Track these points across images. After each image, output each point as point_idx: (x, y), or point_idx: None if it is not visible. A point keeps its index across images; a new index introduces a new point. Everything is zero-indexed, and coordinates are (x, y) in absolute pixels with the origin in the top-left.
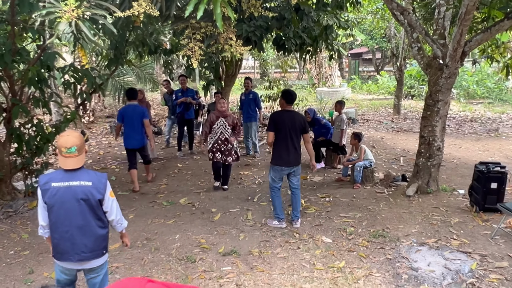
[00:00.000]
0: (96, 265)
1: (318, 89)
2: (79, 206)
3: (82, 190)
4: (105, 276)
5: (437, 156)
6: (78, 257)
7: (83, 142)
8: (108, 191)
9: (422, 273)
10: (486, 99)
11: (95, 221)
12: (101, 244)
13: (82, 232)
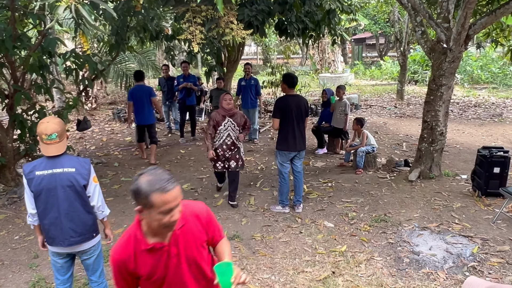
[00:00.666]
0: (88, 247)
1: (321, 75)
2: (65, 192)
3: (66, 177)
4: (98, 257)
5: (440, 141)
6: (68, 242)
7: (64, 128)
8: (92, 176)
9: (424, 257)
10: (491, 84)
11: (82, 206)
12: (90, 228)
13: (70, 218)
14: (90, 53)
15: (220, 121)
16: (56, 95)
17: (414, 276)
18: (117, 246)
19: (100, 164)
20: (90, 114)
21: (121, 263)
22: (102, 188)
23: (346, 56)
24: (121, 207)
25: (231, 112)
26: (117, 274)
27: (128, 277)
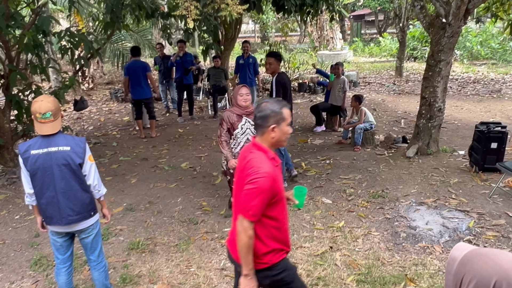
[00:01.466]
0: (86, 226)
1: (319, 52)
2: (61, 171)
3: (62, 156)
4: (97, 236)
5: (438, 117)
6: (66, 220)
7: (58, 106)
8: (87, 155)
9: (420, 231)
10: (490, 60)
11: (78, 185)
12: (88, 207)
13: (67, 196)
14: (85, 32)
15: (236, 122)
16: (52, 75)
17: (410, 250)
18: (266, 168)
19: (98, 144)
20: (87, 94)
21: (273, 181)
22: (101, 168)
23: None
24: (120, 186)
25: (248, 110)
26: (268, 196)
27: (271, 196)
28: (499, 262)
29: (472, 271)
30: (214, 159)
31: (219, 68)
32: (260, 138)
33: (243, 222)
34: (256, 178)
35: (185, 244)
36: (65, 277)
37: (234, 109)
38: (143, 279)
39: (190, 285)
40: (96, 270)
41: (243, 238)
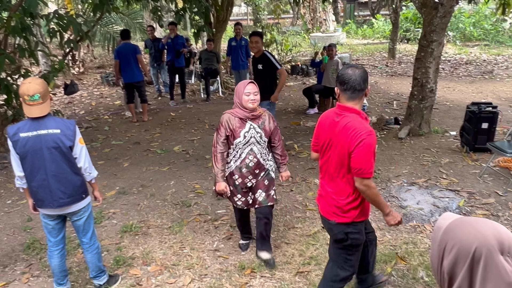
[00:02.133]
0: (78, 209)
1: (312, 34)
2: (51, 154)
3: (52, 138)
4: (89, 218)
5: (430, 98)
6: (57, 203)
7: (47, 89)
8: (78, 137)
9: (411, 211)
10: (483, 41)
11: (69, 168)
12: (79, 189)
13: (58, 179)
14: (74, 14)
15: (238, 128)
16: (41, 58)
17: (401, 229)
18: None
19: (90, 128)
20: (78, 79)
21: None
22: (93, 152)
23: (338, 15)
24: (113, 170)
25: (255, 113)
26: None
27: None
28: (481, 230)
29: (454, 238)
30: (206, 142)
31: (211, 51)
32: (353, 102)
33: (364, 182)
34: (364, 138)
35: (178, 226)
36: (58, 260)
37: (237, 111)
38: (136, 261)
39: (183, 266)
40: (88, 252)
41: (370, 194)
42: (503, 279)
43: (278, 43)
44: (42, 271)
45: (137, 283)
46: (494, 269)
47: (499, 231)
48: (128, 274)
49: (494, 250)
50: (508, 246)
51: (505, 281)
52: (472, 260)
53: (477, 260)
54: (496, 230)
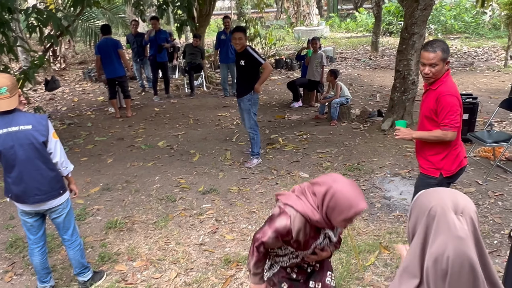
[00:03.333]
0: (55, 205)
1: (296, 28)
2: (24, 151)
3: (24, 135)
4: (68, 215)
5: (412, 90)
6: (33, 199)
7: (15, 83)
8: (51, 132)
9: (395, 201)
10: (463, 34)
11: (44, 164)
12: (56, 185)
13: (32, 176)
14: (53, 9)
15: (311, 240)
16: (21, 54)
17: (385, 219)
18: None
19: (72, 124)
20: (60, 75)
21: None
22: (76, 149)
23: (322, 9)
24: (96, 166)
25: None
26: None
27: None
28: (439, 194)
29: (418, 202)
30: (191, 137)
31: (196, 46)
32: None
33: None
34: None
35: (164, 221)
36: (39, 257)
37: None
38: (121, 257)
39: (169, 261)
40: (71, 249)
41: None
42: (452, 232)
43: (262, 37)
44: (26, 269)
45: (123, 279)
46: (445, 224)
47: (456, 196)
48: (114, 270)
49: (448, 209)
50: (462, 207)
51: (453, 234)
52: (428, 217)
53: (432, 217)
54: (453, 195)
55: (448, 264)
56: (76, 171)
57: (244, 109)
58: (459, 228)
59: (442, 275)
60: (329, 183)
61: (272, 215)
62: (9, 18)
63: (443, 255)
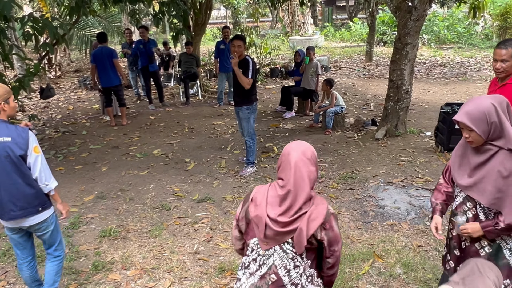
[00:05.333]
0: (36, 222)
1: (291, 37)
2: (1, 164)
3: (2, 147)
4: (53, 231)
5: (405, 99)
6: (8, 215)
7: (4, 92)
8: (32, 146)
9: (388, 210)
10: (456, 44)
11: (21, 178)
12: (33, 202)
13: (8, 191)
14: (49, 17)
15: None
16: (16, 62)
17: (379, 228)
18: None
19: (67, 132)
20: (55, 83)
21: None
22: (71, 157)
23: (316, 19)
24: (91, 175)
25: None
26: None
27: None
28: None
29: None
30: (186, 145)
31: (191, 54)
32: None
33: None
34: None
35: (158, 230)
36: (28, 272)
37: None
38: (115, 266)
39: (163, 270)
40: (50, 261)
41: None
42: None
43: (257, 46)
44: (19, 278)
45: None
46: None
47: None
48: (107, 279)
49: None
50: None
51: None
52: None
53: None
54: None
55: None
56: (70, 179)
57: (243, 118)
58: None
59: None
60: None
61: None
62: (5, 26)
63: None
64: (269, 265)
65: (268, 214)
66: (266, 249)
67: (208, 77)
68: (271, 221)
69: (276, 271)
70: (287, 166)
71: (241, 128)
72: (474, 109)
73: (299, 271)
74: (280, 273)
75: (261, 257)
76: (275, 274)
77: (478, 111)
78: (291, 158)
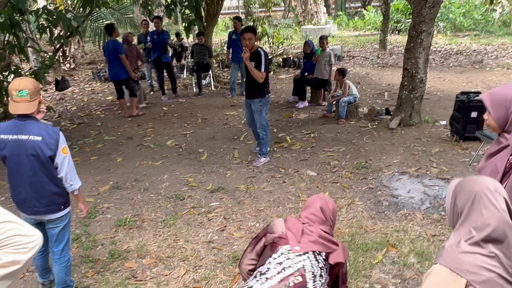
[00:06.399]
0: (53, 218)
1: (303, 27)
2: (29, 162)
3: (31, 145)
4: (64, 228)
5: (420, 88)
6: (31, 210)
7: (38, 89)
8: (61, 146)
9: (402, 199)
10: (473, 31)
11: (47, 177)
12: (56, 201)
13: (34, 188)
14: (63, 10)
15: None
16: (32, 55)
17: (392, 217)
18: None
19: (82, 124)
20: (69, 75)
21: None
22: (86, 148)
23: (329, 7)
24: (106, 165)
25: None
26: None
27: None
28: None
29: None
30: (199, 136)
31: (203, 45)
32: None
33: None
34: None
35: (172, 219)
36: (40, 261)
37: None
38: (131, 254)
39: (178, 258)
40: (57, 264)
41: None
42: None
43: (270, 36)
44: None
45: (133, 275)
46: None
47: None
48: (124, 267)
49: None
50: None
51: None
52: (476, 197)
53: (480, 198)
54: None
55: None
56: (86, 170)
57: (256, 110)
58: (501, 203)
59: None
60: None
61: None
62: (20, 19)
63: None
64: (297, 268)
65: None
66: (299, 253)
67: (221, 67)
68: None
69: (304, 274)
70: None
71: (249, 119)
72: (499, 93)
73: (323, 281)
74: (307, 276)
75: (290, 261)
76: (302, 276)
77: (501, 95)
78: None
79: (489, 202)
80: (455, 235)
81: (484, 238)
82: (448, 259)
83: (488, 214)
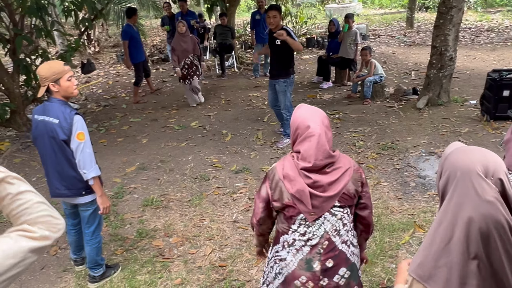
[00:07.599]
0: (80, 203)
1: (327, 6)
2: (50, 143)
3: (51, 127)
4: (94, 213)
5: (449, 66)
6: (54, 193)
7: (49, 73)
8: (76, 132)
9: (430, 180)
10: (505, 7)
11: (65, 160)
12: (77, 185)
13: (54, 169)
14: None
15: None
16: (58, 39)
17: (419, 198)
18: None
19: (108, 106)
20: (94, 58)
21: None
22: (112, 130)
23: None
24: (132, 147)
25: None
26: None
27: None
28: (471, 156)
29: (449, 163)
30: (223, 117)
31: (226, 26)
32: None
33: None
34: None
35: (198, 199)
36: (74, 237)
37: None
38: (158, 233)
39: (204, 237)
40: (88, 245)
41: None
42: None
43: (293, 15)
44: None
45: (160, 253)
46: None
47: (487, 158)
48: (151, 245)
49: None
50: (492, 171)
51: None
52: (459, 179)
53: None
54: (484, 157)
55: (477, 228)
56: (113, 151)
57: (280, 91)
58: (488, 192)
59: (474, 238)
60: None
61: None
62: (46, 3)
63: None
64: (321, 234)
65: (308, 184)
66: (314, 220)
67: (244, 48)
68: (315, 190)
69: (328, 237)
70: (308, 141)
71: (272, 100)
72: None
73: (347, 228)
74: (332, 237)
75: (311, 229)
76: (327, 239)
77: None
78: (313, 131)
79: (472, 189)
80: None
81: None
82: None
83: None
